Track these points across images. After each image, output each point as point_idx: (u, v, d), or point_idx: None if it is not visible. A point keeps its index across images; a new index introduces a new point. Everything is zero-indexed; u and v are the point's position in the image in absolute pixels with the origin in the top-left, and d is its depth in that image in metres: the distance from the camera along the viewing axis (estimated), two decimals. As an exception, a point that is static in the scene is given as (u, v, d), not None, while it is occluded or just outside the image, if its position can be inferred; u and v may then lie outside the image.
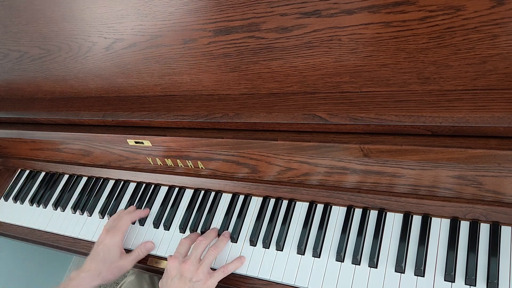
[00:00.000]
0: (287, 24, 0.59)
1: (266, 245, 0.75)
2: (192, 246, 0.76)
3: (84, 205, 0.97)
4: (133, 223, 0.89)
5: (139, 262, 0.83)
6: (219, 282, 0.73)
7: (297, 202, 0.78)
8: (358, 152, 0.61)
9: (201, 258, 0.73)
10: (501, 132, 0.53)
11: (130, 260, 0.80)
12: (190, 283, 0.68)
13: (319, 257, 0.70)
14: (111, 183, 0.99)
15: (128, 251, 0.84)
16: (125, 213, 0.86)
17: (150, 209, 0.89)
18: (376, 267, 0.66)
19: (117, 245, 0.80)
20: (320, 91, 0.64)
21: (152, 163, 0.90)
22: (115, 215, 0.87)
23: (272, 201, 0.80)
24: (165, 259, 0.82)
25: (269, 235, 0.75)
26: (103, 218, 0.93)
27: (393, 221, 0.69)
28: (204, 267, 0.70)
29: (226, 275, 0.72)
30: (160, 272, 0.81)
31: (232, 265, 0.73)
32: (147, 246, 0.83)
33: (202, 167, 0.84)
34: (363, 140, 0.61)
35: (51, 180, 1.07)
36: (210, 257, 0.72)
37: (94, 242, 0.90)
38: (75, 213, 0.97)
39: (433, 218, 0.67)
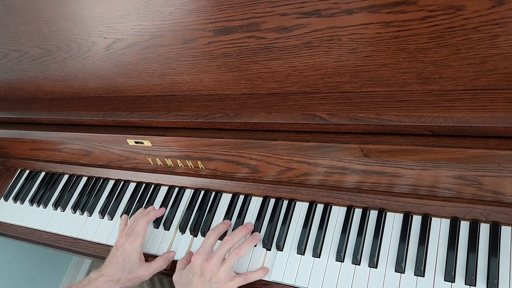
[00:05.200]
0: (287, 24, 0.59)
1: (266, 245, 0.74)
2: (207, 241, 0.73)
3: (84, 205, 0.97)
4: None
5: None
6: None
7: (297, 202, 0.78)
8: (358, 152, 0.61)
9: (225, 257, 0.71)
10: (501, 132, 0.53)
11: (151, 271, 0.77)
12: (209, 283, 0.67)
13: (319, 257, 0.70)
14: (111, 183, 0.99)
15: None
16: (141, 216, 0.82)
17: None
18: (376, 267, 0.66)
19: (137, 250, 0.77)
20: (320, 91, 0.64)
21: (152, 163, 0.90)
22: (132, 218, 0.84)
23: (272, 201, 0.80)
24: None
25: (269, 235, 0.75)
26: (103, 218, 0.93)
27: (393, 221, 0.69)
28: (225, 270, 0.69)
29: (247, 283, 0.70)
30: (158, 272, 0.81)
31: (255, 274, 0.71)
32: (169, 257, 0.80)
33: (202, 167, 0.84)
34: (363, 140, 0.61)
35: (51, 180, 1.07)
36: (232, 260, 0.70)
37: (94, 242, 0.90)
38: (75, 213, 0.97)
39: (433, 218, 0.67)
